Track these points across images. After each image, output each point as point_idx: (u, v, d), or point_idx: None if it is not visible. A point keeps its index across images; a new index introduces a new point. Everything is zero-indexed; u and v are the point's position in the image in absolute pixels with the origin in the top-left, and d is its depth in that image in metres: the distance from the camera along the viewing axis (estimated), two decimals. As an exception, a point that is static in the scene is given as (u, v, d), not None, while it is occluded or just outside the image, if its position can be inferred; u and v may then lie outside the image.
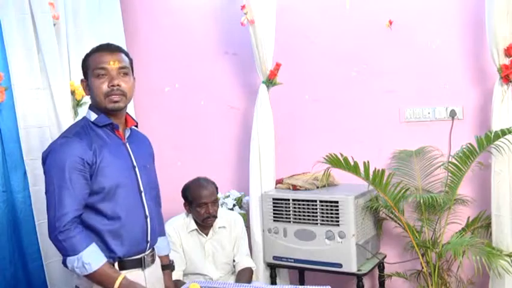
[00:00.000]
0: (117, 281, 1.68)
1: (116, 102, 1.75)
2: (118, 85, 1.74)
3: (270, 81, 3.08)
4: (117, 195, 1.77)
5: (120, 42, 3.24)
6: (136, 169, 1.86)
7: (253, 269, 2.79)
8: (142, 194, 1.87)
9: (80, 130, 1.78)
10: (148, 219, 1.88)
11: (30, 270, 2.68)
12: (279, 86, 3.10)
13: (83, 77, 1.84)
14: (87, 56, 1.82)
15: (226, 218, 2.80)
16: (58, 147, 1.73)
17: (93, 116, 1.80)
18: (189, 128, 3.63)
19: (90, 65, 1.78)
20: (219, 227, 2.74)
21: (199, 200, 2.62)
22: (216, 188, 2.73)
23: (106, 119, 1.79)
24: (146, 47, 3.65)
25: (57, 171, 1.69)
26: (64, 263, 1.70)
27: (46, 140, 2.75)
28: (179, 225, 2.70)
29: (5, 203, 2.57)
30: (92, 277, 1.69)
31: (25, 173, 2.65)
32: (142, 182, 1.87)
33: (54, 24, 2.80)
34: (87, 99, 2.95)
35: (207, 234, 2.71)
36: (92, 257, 1.68)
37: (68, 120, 2.84)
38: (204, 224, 2.66)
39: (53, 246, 2.67)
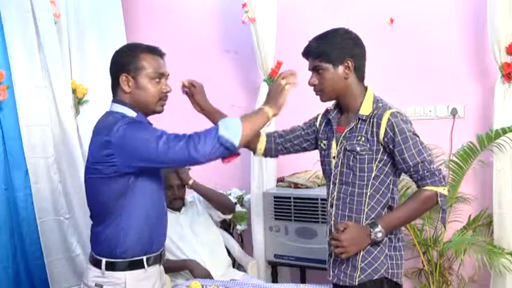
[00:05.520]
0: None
1: (163, 106, 1.86)
2: (168, 92, 1.84)
3: (271, 80, 3.08)
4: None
5: (121, 40, 3.24)
6: None
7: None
8: None
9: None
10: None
11: (31, 268, 2.68)
12: (280, 84, 3.10)
13: (124, 72, 1.75)
14: (135, 53, 1.77)
15: (192, 195, 2.99)
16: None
17: (132, 114, 1.77)
18: (190, 127, 3.59)
19: (145, 66, 1.76)
20: (190, 201, 2.96)
21: (166, 183, 2.76)
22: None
23: (146, 119, 1.82)
24: (147, 45, 3.64)
25: None
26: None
27: (47, 138, 2.75)
28: None
29: (7, 201, 2.57)
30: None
31: (26, 171, 2.65)
32: None
33: (56, 23, 2.80)
34: (89, 98, 2.99)
35: (179, 211, 2.86)
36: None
37: (69, 119, 2.84)
38: (172, 205, 2.80)
39: (54, 244, 2.75)
